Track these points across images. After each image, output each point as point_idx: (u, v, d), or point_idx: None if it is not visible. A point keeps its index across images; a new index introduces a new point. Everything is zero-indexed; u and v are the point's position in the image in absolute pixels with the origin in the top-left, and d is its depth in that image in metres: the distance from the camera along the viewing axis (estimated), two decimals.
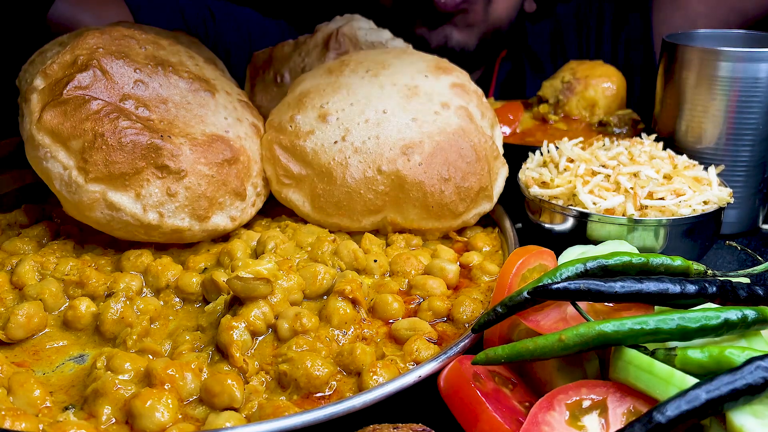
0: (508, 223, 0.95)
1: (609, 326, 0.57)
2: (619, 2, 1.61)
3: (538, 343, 0.58)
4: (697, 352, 0.57)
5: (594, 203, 0.89)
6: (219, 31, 1.60)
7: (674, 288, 0.62)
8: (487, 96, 1.61)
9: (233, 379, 0.63)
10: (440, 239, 0.94)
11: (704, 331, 0.58)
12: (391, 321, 0.75)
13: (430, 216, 0.91)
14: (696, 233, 0.88)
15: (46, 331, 0.74)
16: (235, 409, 0.62)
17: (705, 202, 0.89)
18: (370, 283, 0.81)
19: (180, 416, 0.62)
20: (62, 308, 0.77)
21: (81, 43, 0.86)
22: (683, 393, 0.52)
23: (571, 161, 0.97)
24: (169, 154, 0.82)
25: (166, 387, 0.62)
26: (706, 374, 0.55)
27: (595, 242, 0.84)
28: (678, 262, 0.68)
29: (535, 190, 0.94)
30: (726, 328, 0.59)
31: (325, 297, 0.77)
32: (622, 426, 0.52)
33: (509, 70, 1.70)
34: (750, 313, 0.60)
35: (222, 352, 0.68)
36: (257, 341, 0.70)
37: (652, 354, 0.58)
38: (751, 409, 0.52)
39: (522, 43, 1.68)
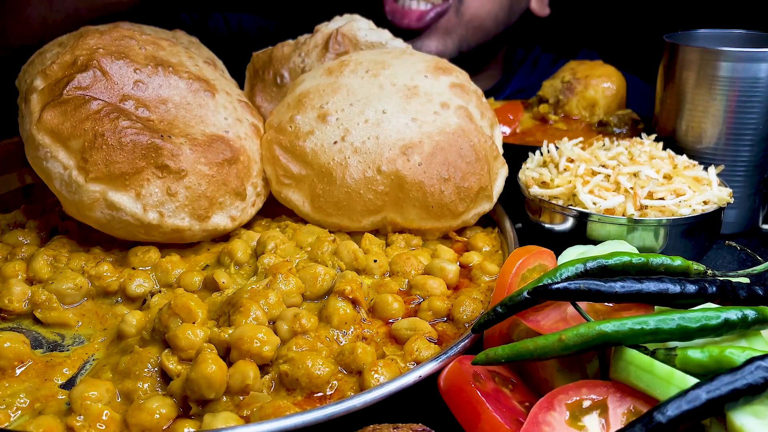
0: (508, 223, 0.95)
1: (609, 326, 0.57)
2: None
3: (538, 343, 0.58)
4: (697, 352, 0.57)
5: (594, 203, 0.89)
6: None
7: (674, 288, 0.62)
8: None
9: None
10: (440, 239, 0.94)
11: (704, 331, 0.58)
12: (391, 321, 0.75)
13: (430, 216, 0.91)
14: (696, 233, 0.88)
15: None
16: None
17: (705, 202, 0.89)
18: (370, 283, 0.81)
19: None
20: (81, 301, 0.79)
21: (81, 44, 0.86)
22: (684, 393, 0.52)
23: (571, 161, 0.97)
24: (169, 153, 0.82)
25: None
26: (706, 374, 0.55)
27: (595, 242, 0.84)
28: (678, 262, 0.68)
29: (535, 190, 0.94)
30: (726, 328, 0.59)
31: (326, 297, 0.77)
32: (623, 426, 0.52)
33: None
34: (750, 313, 0.60)
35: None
36: None
37: (653, 354, 0.58)
38: (752, 409, 0.52)
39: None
